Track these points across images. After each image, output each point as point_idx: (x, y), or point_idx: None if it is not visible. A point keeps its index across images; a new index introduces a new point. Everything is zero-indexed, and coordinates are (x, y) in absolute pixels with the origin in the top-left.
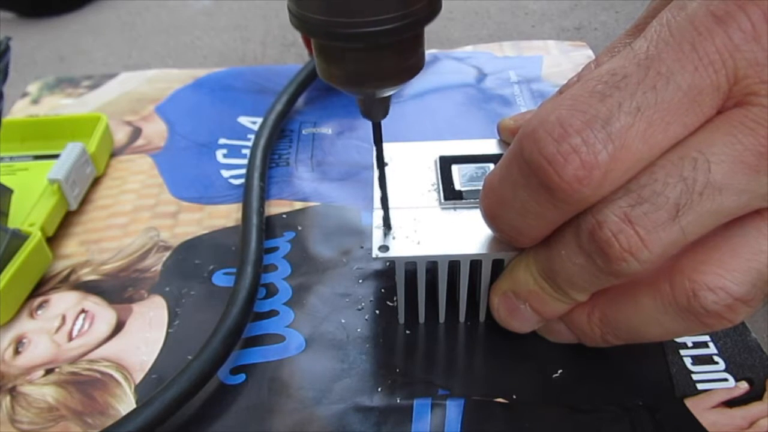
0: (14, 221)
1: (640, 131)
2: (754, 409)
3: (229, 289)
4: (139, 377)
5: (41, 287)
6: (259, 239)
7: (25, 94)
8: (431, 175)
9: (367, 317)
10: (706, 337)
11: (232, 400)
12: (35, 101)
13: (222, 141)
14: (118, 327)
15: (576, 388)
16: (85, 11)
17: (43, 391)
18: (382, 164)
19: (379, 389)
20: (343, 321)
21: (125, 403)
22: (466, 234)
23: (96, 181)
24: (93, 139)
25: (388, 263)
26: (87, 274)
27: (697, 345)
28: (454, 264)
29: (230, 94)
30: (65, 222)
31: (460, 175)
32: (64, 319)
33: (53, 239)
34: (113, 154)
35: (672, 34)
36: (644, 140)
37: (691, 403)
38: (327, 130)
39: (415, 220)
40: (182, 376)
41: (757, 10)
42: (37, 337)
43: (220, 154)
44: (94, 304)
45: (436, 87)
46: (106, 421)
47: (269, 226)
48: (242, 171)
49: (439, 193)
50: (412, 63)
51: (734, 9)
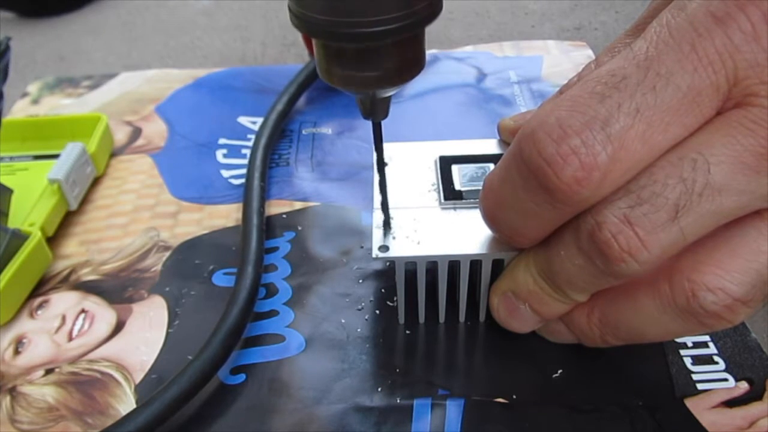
0: (14, 221)
1: (639, 132)
2: (754, 409)
3: (229, 289)
4: (139, 377)
5: (41, 287)
6: (260, 239)
7: (25, 94)
8: (431, 175)
9: (367, 317)
10: (706, 337)
11: (232, 400)
12: (35, 101)
13: (222, 141)
14: (118, 327)
15: (576, 388)
16: (85, 11)
17: (43, 391)
18: (382, 164)
19: (379, 389)
20: (343, 321)
21: (125, 403)
22: (466, 234)
23: (96, 181)
24: (93, 139)
25: (388, 263)
26: (87, 274)
27: (697, 345)
28: (454, 264)
29: (230, 94)
30: (65, 222)
31: (460, 175)
32: (64, 319)
33: (53, 239)
34: (113, 154)
35: (672, 34)
36: (643, 141)
37: (691, 403)
38: (327, 130)
39: (415, 220)
40: (182, 376)
41: (757, 10)
42: (37, 337)
43: (220, 154)
44: (94, 304)
45: (436, 87)
46: (106, 421)
47: (269, 226)
48: (242, 171)
49: (439, 193)
50: (412, 63)
51: (734, 10)
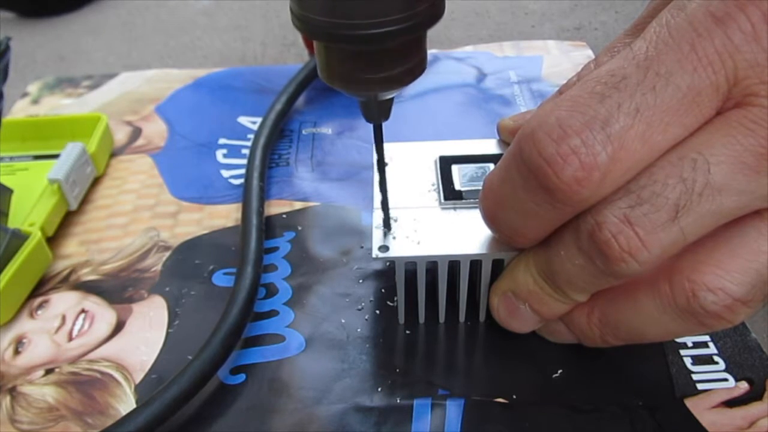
0: (14, 221)
1: (639, 132)
2: (754, 409)
3: (229, 289)
4: (139, 377)
5: (41, 287)
6: (259, 239)
7: (25, 94)
8: (431, 175)
9: (367, 317)
10: (706, 337)
11: (232, 400)
12: (35, 101)
13: (222, 141)
14: (118, 327)
15: (576, 388)
16: (85, 11)
17: (43, 391)
18: (382, 165)
19: (379, 389)
20: (343, 321)
21: (125, 403)
22: (466, 234)
23: (96, 181)
24: (93, 139)
25: (388, 263)
26: (87, 274)
27: (697, 345)
28: (454, 264)
29: (230, 94)
30: (65, 222)
31: (460, 175)
32: (64, 319)
33: (53, 239)
34: (113, 154)
35: (671, 34)
36: (643, 141)
37: (691, 403)
38: (327, 130)
39: (415, 220)
40: (182, 376)
41: (757, 10)
42: (37, 337)
43: (220, 154)
44: (94, 304)
45: (436, 87)
46: (106, 421)
47: (269, 226)
48: (242, 171)
49: (439, 193)
50: (414, 66)
51: (734, 10)
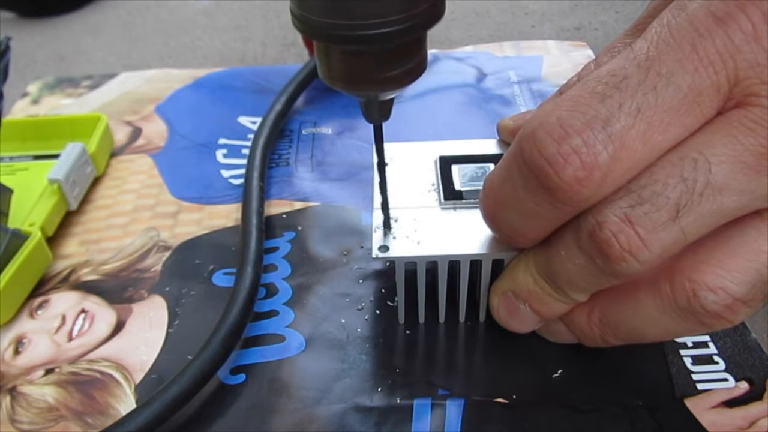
0: (14, 221)
1: (640, 132)
2: (754, 409)
3: (229, 289)
4: (139, 377)
5: (41, 287)
6: (259, 239)
7: (25, 94)
8: (431, 175)
9: (367, 317)
10: (706, 337)
11: (232, 400)
12: (35, 101)
13: (222, 141)
14: (118, 327)
15: (576, 388)
16: (85, 11)
17: (43, 391)
18: (382, 165)
19: (379, 389)
20: (343, 321)
21: (125, 403)
22: (466, 234)
23: (96, 181)
24: (93, 139)
25: (388, 263)
26: (87, 274)
27: (697, 345)
28: (454, 264)
29: (230, 94)
30: (65, 222)
31: (460, 175)
32: (64, 319)
33: (53, 239)
34: (113, 154)
35: (672, 34)
36: (644, 141)
37: (691, 403)
38: (327, 130)
39: (415, 220)
40: (182, 376)
41: (758, 11)
42: (37, 337)
43: (220, 154)
44: (94, 304)
45: (436, 87)
46: (106, 421)
47: (269, 226)
48: (242, 171)
49: (439, 193)
50: (414, 66)
51: (734, 10)
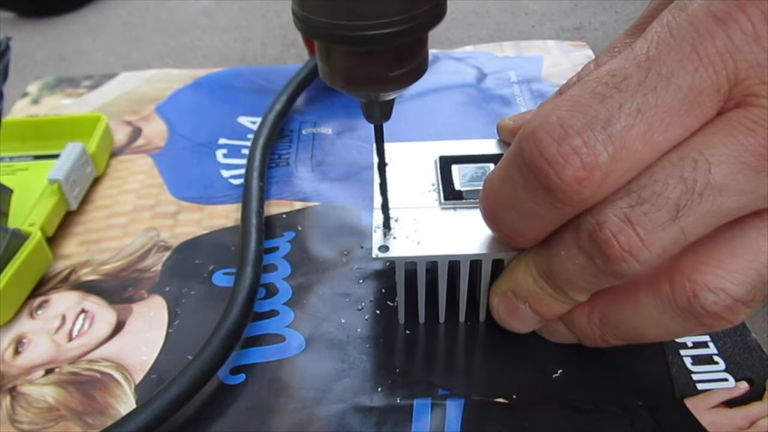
0: (14, 221)
1: (640, 132)
2: (754, 409)
3: (229, 289)
4: (139, 377)
5: (41, 287)
6: (259, 239)
7: (25, 94)
8: (431, 175)
9: (367, 317)
10: (706, 337)
11: (232, 400)
12: (35, 101)
13: (222, 141)
14: (118, 327)
15: (576, 388)
16: (85, 11)
17: (43, 391)
18: (383, 165)
19: (379, 389)
20: (343, 321)
21: (125, 403)
22: (466, 234)
23: (96, 181)
24: (93, 139)
25: (388, 263)
26: (87, 274)
27: (697, 345)
28: (454, 264)
29: (230, 94)
30: (65, 222)
31: (460, 175)
32: (64, 319)
33: (53, 239)
34: (113, 154)
35: (672, 35)
36: (644, 141)
37: (691, 403)
38: (327, 130)
39: (415, 220)
40: (182, 376)
41: (758, 11)
42: (37, 337)
43: (220, 154)
44: (94, 304)
45: (436, 87)
46: (106, 421)
47: (269, 226)
48: (242, 171)
49: (439, 193)
50: (414, 67)
51: (735, 10)
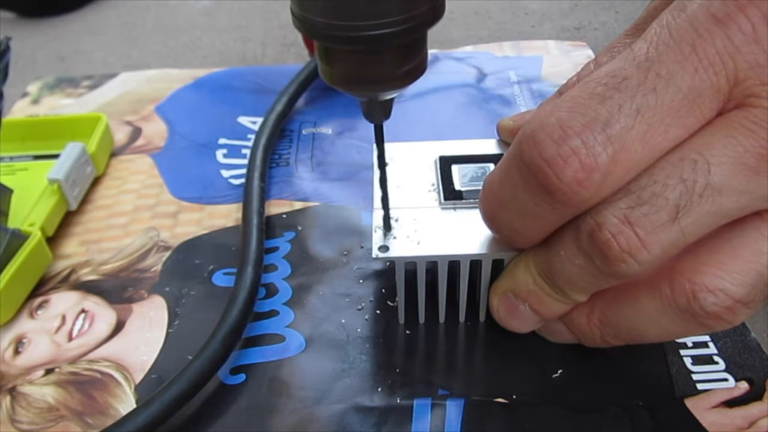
0: (14, 221)
1: (639, 133)
2: (754, 409)
3: (229, 289)
4: (139, 377)
5: (41, 287)
6: (260, 239)
7: (25, 94)
8: (431, 175)
9: (367, 317)
10: (706, 337)
11: (232, 400)
12: (35, 101)
13: (222, 141)
14: (118, 327)
15: (576, 388)
16: (85, 11)
17: (43, 391)
18: (383, 165)
19: (379, 389)
20: (343, 321)
21: (125, 403)
22: (466, 234)
23: (96, 181)
24: (93, 139)
25: (388, 263)
26: (87, 274)
27: (697, 345)
28: (454, 264)
29: (230, 94)
30: (65, 222)
31: (460, 175)
32: (64, 319)
33: (53, 239)
34: (113, 154)
35: (672, 35)
36: (644, 142)
37: (691, 403)
38: (327, 130)
39: (415, 220)
40: (182, 376)
41: (758, 11)
42: (37, 337)
43: (220, 154)
44: (94, 304)
45: (436, 87)
46: (106, 421)
47: (269, 226)
48: (242, 171)
49: (439, 193)
50: (414, 66)
51: (734, 10)
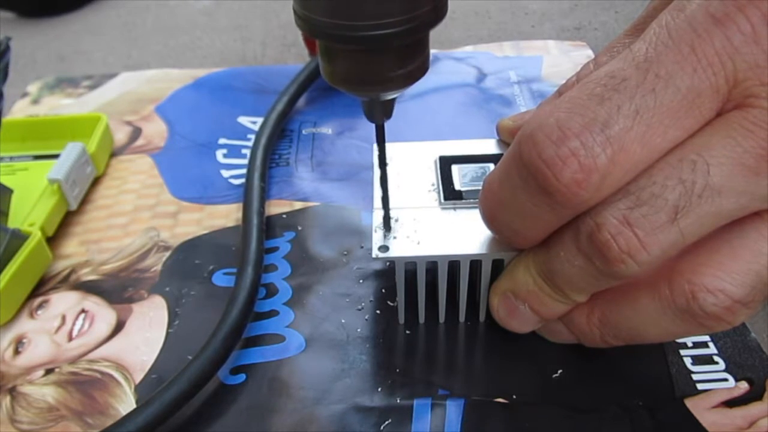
0: (14, 221)
1: (638, 134)
2: (754, 409)
3: (229, 289)
4: (139, 377)
5: (41, 287)
6: (260, 239)
7: (25, 94)
8: (431, 175)
9: (367, 317)
10: (706, 337)
11: (232, 400)
12: (35, 101)
13: (222, 141)
14: (118, 327)
15: (576, 388)
16: (85, 11)
17: (43, 391)
18: (384, 165)
19: (379, 389)
20: (343, 321)
21: (125, 403)
22: (466, 234)
23: (96, 181)
24: (93, 139)
25: (388, 263)
26: (87, 274)
27: (697, 345)
28: (454, 264)
29: (230, 94)
30: (65, 222)
31: (460, 175)
32: (64, 319)
33: (53, 239)
34: (113, 154)
35: (671, 36)
36: (643, 143)
37: (691, 403)
38: (327, 130)
39: (415, 220)
40: (182, 376)
41: (757, 11)
42: (37, 337)
43: (220, 154)
44: (94, 304)
45: (436, 87)
46: (106, 421)
47: (269, 226)
48: (242, 171)
49: (439, 193)
50: (415, 67)
51: (733, 11)
